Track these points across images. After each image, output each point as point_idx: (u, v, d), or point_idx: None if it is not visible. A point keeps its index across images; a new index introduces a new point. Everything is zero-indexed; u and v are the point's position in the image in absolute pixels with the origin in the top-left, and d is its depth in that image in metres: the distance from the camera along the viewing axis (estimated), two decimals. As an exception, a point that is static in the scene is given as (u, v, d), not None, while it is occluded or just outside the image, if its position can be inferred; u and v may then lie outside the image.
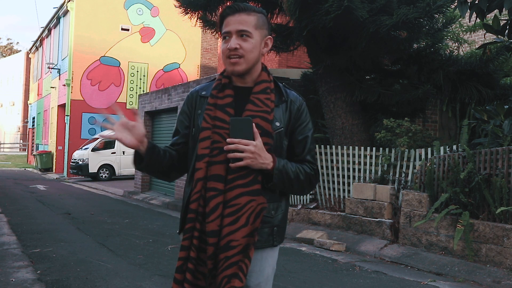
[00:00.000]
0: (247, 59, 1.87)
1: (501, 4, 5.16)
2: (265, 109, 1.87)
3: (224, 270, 1.76)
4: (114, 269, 5.44)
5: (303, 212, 8.20)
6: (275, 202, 1.91)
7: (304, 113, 1.98)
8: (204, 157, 1.84)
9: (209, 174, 1.82)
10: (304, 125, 1.97)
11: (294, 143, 1.95)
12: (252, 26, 1.87)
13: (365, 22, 7.09)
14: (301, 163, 1.94)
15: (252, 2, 9.24)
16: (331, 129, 8.61)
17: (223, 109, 1.88)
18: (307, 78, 10.11)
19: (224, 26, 1.89)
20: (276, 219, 1.92)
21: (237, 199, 1.79)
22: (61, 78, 23.40)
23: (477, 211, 5.75)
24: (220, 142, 1.83)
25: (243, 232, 1.78)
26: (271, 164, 1.82)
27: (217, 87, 1.94)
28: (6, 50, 60.88)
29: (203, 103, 1.95)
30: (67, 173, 21.13)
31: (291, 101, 1.96)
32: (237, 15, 1.87)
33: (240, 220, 1.78)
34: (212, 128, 1.86)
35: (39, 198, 12.70)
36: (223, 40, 1.89)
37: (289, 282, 5.06)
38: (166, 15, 22.52)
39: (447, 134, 9.33)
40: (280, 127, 1.90)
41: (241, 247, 1.78)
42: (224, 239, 1.77)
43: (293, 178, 1.88)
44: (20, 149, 42.21)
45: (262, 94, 1.89)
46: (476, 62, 8.28)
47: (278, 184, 1.86)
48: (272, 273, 1.97)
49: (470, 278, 5.30)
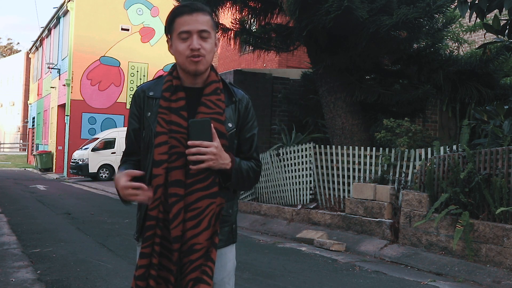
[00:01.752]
0: (208, 58, 1.86)
1: (501, 4, 5.16)
2: (218, 110, 1.86)
3: (189, 274, 1.78)
4: (114, 269, 5.43)
5: (303, 212, 8.20)
6: (231, 201, 1.94)
7: (251, 112, 1.98)
8: (163, 163, 1.81)
9: (169, 180, 1.80)
10: (251, 123, 1.98)
11: (241, 141, 1.96)
12: (209, 27, 1.86)
13: (365, 22, 7.09)
14: (248, 160, 1.96)
15: (252, 2, 9.25)
16: (331, 129, 8.61)
17: (177, 113, 1.85)
18: (307, 78, 10.11)
19: (179, 25, 1.84)
20: (234, 216, 1.97)
21: (197, 203, 1.79)
22: (61, 78, 23.40)
23: (477, 211, 5.75)
24: (178, 146, 1.81)
25: (205, 235, 1.80)
26: (230, 164, 1.84)
27: (169, 89, 1.89)
28: (6, 50, 60.89)
29: (152, 105, 1.90)
30: (67, 173, 21.13)
31: (239, 100, 1.96)
32: (195, 15, 1.84)
33: (202, 223, 1.79)
34: (168, 132, 1.83)
35: (39, 198, 12.70)
36: (181, 40, 1.84)
37: (289, 282, 5.06)
38: (166, 15, 22.16)
39: (447, 134, 9.33)
40: (233, 128, 1.92)
41: (204, 250, 1.80)
42: (187, 243, 1.78)
43: (245, 176, 1.91)
44: (20, 149, 42.21)
45: (213, 95, 1.88)
46: (476, 62, 8.28)
47: (234, 182, 1.87)
48: (233, 267, 1.99)
49: (470, 278, 5.30)
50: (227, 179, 1.87)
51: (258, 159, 2.01)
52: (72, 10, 21.72)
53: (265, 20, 9.42)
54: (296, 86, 10.75)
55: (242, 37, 9.20)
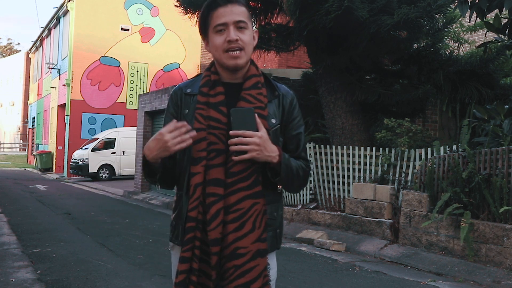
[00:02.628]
0: (247, 51, 1.76)
1: (502, 4, 5.16)
2: (259, 104, 1.75)
3: (235, 279, 1.67)
4: (114, 269, 5.43)
5: (303, 212, 8.20)
6: (275, 203, 1.83)
7: (297, 108, 1.88)
8: (201, 160, 1.71)
9: (207, 178, 1.70)
10: (297, 120, 1.88)
11: (287, 139, 1.85)
12: (246, 17, 1.77)
13: (365, 22, 7.09)
14: (296, 160, 1.84)
15: (252, 2, 9.24)
16: (331, 129, 8.61)
17: (216, 108, 1.75)
18: (307, 78, 10.11)
19: (215, 19, 1.75)
20: (278, 220, 1.85)
21: (240, 204, 1.69)
22: (61, 78, 23.40)
23: (477, 211, 5.75)
24: (217, 143, 1.71)
25: (251, 238, 1.69)
26: (277, 158, 1.72)
27: (207, 84, 1.79)
28: (6, 50, 60.88)
29: (189, 102, 1.81)
30: (67, 173, 21.13)
31: (283, 95, 1.85)
32: (230, 6, 1.74)
33: (246, 226, 1.68)
34: (206, 128, 1.73)
35: (39, 198, 12.69)
36: (217, 33, 1.75)
37: (289, 282, 5.06)
38: (166, 15, 22.51)
39: (447, 134, 9.33)
40: (277, 124, 1.80)
41: (252, 253, 1.68)
42: (229, 247, 1.68)
43: (295, 173, 1.79)
44: (20, 149, 42.20)
45: (253, 89, 1.77)
46: (476, 62, 8.28)
47: (283, 178, 1.75)
48: (275, 277, 1.89)
49: (470, 278, 5.30)
50: (276, 174, 1.75)
51: (307, 159, 1.89)
52: (72, 10, 21.71)
53: (265, 20, 9.42)
54: (296, 86, 10.74)
55: (242, 37, 9.19)
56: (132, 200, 13.40)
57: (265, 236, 1.73)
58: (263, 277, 1.71)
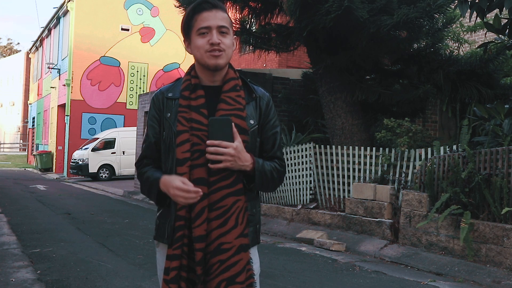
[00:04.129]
0: (227, 53, 1.86)
1: (502, 4, 5.16)
2: (238, 106, 1.85)
3: (220, 274, 1.76)
4: (114, 269, 5.43)
5: (303, 212, 8.20)
6: (254, 201, 1.92)
7: (273, 109, 1.97)
8: (186, 161, 1.80)
9: (191, 178, 1.79)
10: (273, 121, 1.96)
11: (264, 139, 1.94)
12: (228, 24, 1.87)
13: (365, 22, 7.09)
14: (271, 160, 1.93)
15: (252, 2, 9.25)
16: (331, 129, 8.61)
17: (197, 110, 1.84)
18: (307, 78, 10.11)
19: (199, 21, 1.85)
20: (257, 216, 1.94)
21: (222, 201, 1.77)
22: (61, 78, 23.40)
23: (477, 211, 5.75)
24: (200, 144, 1.80)
25: (234, 233, 1.77)
26: (251, 166, 1.81)
27: (188, 88, 1.88)
28: (6, 50, 60.88)
29: (171, 106, 1.90)
30: (67, 173, 21.13)
31: (260, 97, 1.95)
32: (215, 11, 1.85)
33: (229, 222, 1.77)
34: (189, 130, 1.82)
35: (39, 198, 12.70)
36: (200, 35, 1.85)
37: (289, 282, 5.06)
38: (166, 15, 22.52)
39: (447, 134, 9.33)
40: (255, 125, 1.89)
41: (235, 248, 1.77)
42: (213, 243, 1.76)
43: (269, 177, 1.88)
44: (20, 149, 42.21)
45: (232, 92, 1.87)
46: (476, 62, 8.28)
47: (258, 184, 1.85)
48: (259, 271, 1.96)
49: (470, 278, 5.30)
50: (251, 180, 1.84)
51: (282, 159, 1.97)
52: (72, 10, 21.72)
53: (265, 20, 9.42)
54: (296, 86, 10.76)
55: (242, 37, 9.20)
56: (132, 200, 13.40)
57: (247, 231, 1.83)
58: (246, 271, 1.80)
